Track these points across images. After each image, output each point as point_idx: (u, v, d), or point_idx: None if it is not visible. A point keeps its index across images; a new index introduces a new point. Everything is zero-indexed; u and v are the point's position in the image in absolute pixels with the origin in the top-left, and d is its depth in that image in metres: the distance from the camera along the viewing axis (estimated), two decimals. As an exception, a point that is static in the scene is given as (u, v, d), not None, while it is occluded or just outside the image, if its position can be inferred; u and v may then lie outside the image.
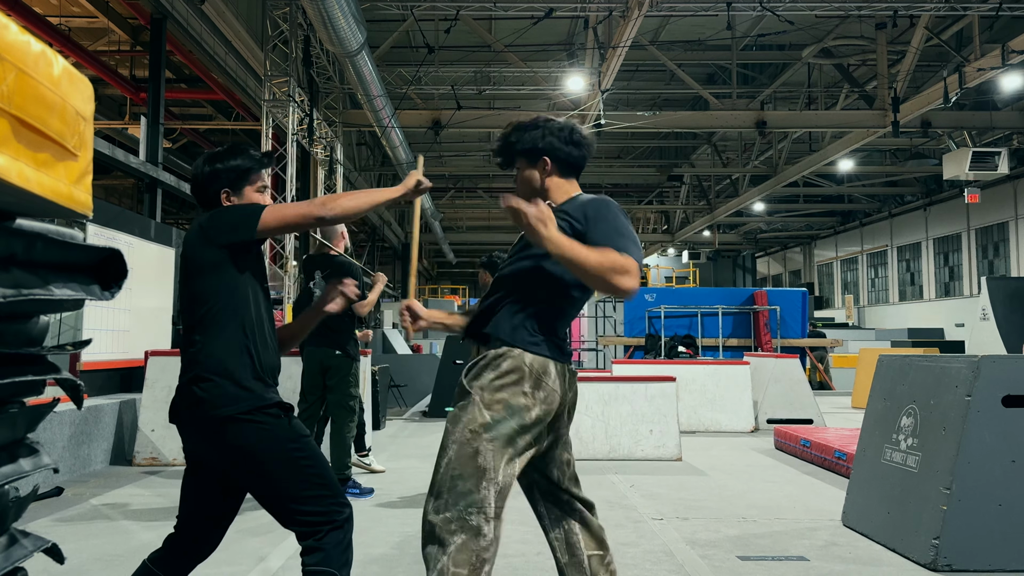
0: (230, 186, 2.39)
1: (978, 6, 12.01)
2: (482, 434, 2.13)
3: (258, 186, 2.43)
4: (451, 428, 2.18)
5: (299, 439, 2.28)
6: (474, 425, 2.14)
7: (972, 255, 24.46)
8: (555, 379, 2.23)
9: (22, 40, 1.56)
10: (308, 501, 2.23)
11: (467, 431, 2.14)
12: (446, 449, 2.15)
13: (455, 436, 2.15)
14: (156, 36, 11.90)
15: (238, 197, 2.40)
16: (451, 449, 2.14)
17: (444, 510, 2.08)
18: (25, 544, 1.78)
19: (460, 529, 2.06)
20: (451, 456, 2.13)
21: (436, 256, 40.29)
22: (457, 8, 12.25)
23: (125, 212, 8.52)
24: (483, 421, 2.14)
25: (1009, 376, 3.83)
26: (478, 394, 2.17)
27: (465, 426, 2.15)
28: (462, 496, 2.08)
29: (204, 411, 2.24)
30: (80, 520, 4.72)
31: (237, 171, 2.39)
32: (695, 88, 15.95)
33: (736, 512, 5.04)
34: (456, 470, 2.11)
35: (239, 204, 2.39)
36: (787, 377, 9.81)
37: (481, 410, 2.15)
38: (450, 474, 2.11)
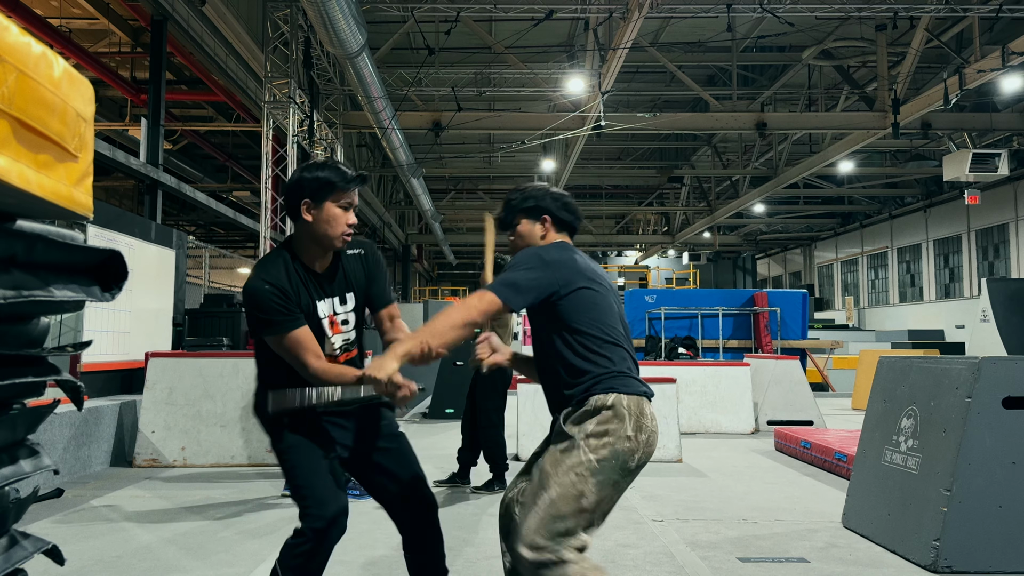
0: (311, 197, 2.42)
1: (978, 8, 12.01)
2: (588, 478, 2.23)
3: (342, 202, 2.44)
4: (550, 470, 2.25)
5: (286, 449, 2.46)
6: (580, 469, 2.23)
7: (972, 257, 24.45)
8: (651, 418, 2.37)
9: (23, 42, 1.56)
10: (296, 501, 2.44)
11: (572, 474, 2.23)
12: (545, 488, 2.23)
13: (558, 479, 2.23)
14: (157, 38, 11.91)
15: (318, 210, 2.41)
16: (552, 490, 2.22)
17: (541, 548, 2.17)
18: (25, 545, 1.78)
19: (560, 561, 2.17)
20: (553, 496, 2.21)
21: (436, 257, 40.32)
22: (457, 10, 12.26)
23: (125, 214, 8.52)
24: (590, 466, 2.24)
25: (1009, 377, 3.83)
26: (583, 439, 2.26)
27: (571, 469, 2.23)
28: (560, 536, 2.19)
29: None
30: (80, 521, 4.72)
31: (320, 183, 2.41)
32: (695, 90, 15.95)
33: (736, 514, 5.03)
34: (558, 510, 2.20)
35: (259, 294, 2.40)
36: (787, 378, 9.80)
37: (586, 454, 2.25)
38: (551, 513, 2.20)
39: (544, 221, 2.59)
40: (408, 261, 31.65)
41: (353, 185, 2.44)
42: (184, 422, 6.89)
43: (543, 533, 2.18)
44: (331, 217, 2.41)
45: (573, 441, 2.26)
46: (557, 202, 2.61)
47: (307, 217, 2.41)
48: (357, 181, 2.46)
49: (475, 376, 5.88)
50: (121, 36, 13.83)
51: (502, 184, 25.79)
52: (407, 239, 31.02)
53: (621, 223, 34.81)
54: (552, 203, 2.60)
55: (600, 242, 33.04)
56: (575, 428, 2.28)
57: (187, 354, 7.33)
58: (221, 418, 6.93)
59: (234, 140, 20.03)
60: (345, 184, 2.42)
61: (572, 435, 2.27)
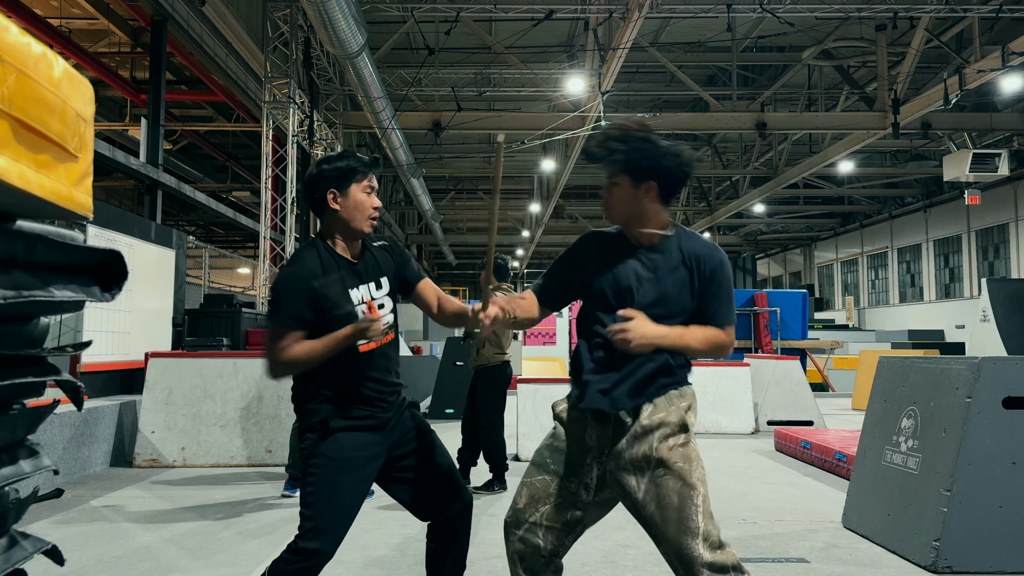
0: (336, 186, 2.45)
1: (978, 8, 12.02)
2: (704, 467, 2.23)
3: (364, 186, 2.48)
4: (687, 467, 2.18)
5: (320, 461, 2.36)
6: (702, 462, 2.23)
7: (972, 257, 24.46)
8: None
9: (23, 42, 1.56)
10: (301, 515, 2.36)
11: (701, 467, 2.21)
12: (694, 488, 2.15)
13: (697, 474, 2.18)
14: (156, 38, 11.91)
15: (344, 197, 2.45)
16: (699, 488, 2.16)
17: (718, 545, 2.13)
18: (25, 546, 1.78)
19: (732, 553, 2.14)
20: (704, 493, 2.17)
21: (436, 257, 40.31)
22: (457, 10, 12.26)
23: (125, 214, 8.52)
24: (700, 457, 2.24)
25: (1009, 378, 3.83)
26: (693, 430, 2.26)
27: (699, 463, 2.21)
28: (718, 527, 2.17)
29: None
30: (80, 522, 4.72)
31: (342, 171, 2.46)
32: (695, 90, 15.95)
33: (736, 514, 5.03)
34: (710, 507, 2.18)
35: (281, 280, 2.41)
36: (787, 379, 9.80)
37: (696, 445, 2.25)
38: (709, 511, 2.16)
39: (649, 190, 2.21)
40: (408, 261, 31.62)
41: (372, 169, 2.52)
42: (184, 422, 6.89)
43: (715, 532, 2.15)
44: (358, 202, 2.46)
45: (690, 433, 2.23)
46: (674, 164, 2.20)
47: (335, 206, 2.45)
48: (375, 164, 2.55)
49: (475, 376, 5.88)
50: (121, 36, 13.83)
51: (502, 184, 25.76)
52: (407, 239, 31.01)
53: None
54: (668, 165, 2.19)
55: (600, 242, 32.97)
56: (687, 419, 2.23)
57: (187, 354, 7.32)
58: (221, 418, 6.93)
59: (234, 140, 20.03)
60: (365, 168, 2.49)
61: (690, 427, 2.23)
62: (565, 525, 2.26)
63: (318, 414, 2.40)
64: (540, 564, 2.26)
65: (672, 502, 2.12)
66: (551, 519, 2.25)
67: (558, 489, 2.26)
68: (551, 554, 2.26)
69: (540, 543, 2.24)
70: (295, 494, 5.47)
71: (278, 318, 2.37)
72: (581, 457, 2.27)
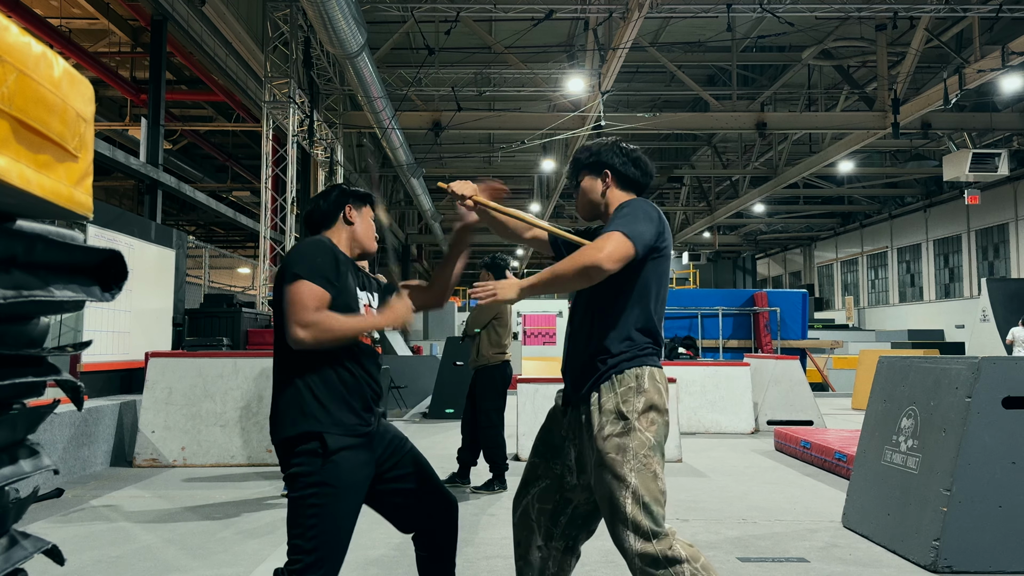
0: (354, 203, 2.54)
1: (978, 8, 12.01)
2: (653, 456, 2.22)
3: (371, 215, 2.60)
4: (618, 458, 2.18)
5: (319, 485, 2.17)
6: (645, 450, 2.20)
7: (972, 256, 24.46)
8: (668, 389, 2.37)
9: (23, 42, 1.56)
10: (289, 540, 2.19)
11: (642, 456, 2.19)
12: (623, 480, 2.16)
13: (631, 465, 2.18)
14: (156, 38, 11.91)
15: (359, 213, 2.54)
16: (631, 477, 2.16)
17: (653, 536, 2.13)
18: (25, 545, 1.78)
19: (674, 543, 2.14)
20: (635, 484, 2.16)
21: (437, 257, 40.29)
22: (457, 9, 12.26)
23: (125, 214, 8.52)
24: (651, 443, 2.22)
25: (1009, 377, 3.83)
26: (635, 419, 2.23)
27: (636, 452, 2.20)
28: (660, 518, 2.17)
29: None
30: (80, 522, 4.72)
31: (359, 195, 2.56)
32: (695, 89, 15.95)
33: (736, 513, 5.03)
34: (646, 496, 2.16)
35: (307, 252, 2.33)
36: (787, 378, 9.80)
37: (644, 433, 2.22)
38: (642, 502, 2.15)
39: (605, 176, 2.47)
40: (408, 261, 31.65)
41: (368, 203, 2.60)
42: (184, 422, 6.89)
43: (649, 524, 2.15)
44: (369, 224, 2.57)
45: (628, 423, 2.21)
46: (621, 156, 2.46)
47: (352, 218, 2.50)
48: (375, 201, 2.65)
49: (475, 376, 5.89)
50: (121, 36, 13.83)
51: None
52: (407, 239, 31.01)
53: (621, 223, 34.76)
54: (615, 157, 2.46)
55: (600, 242, 33.00)
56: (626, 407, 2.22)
57: (187, 354, 7.33)
58: (221, 418, 6.93)
59: (234, 140, 20.02)
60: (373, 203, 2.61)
61: (628, 417, 2.21)
62: (556, 505, 2.39)
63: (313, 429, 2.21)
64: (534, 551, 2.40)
65: (604, 493, 2.20)
66: (541, 500, 2.40)
67: (546, 471, 2.41)
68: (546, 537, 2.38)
69: (534, 525, 2.40)
70: (295, 494, 5.47)
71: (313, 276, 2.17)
72: (562, 441, 2.42)
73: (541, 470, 2.41)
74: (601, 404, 2.25)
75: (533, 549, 2.37)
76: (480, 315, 5.90)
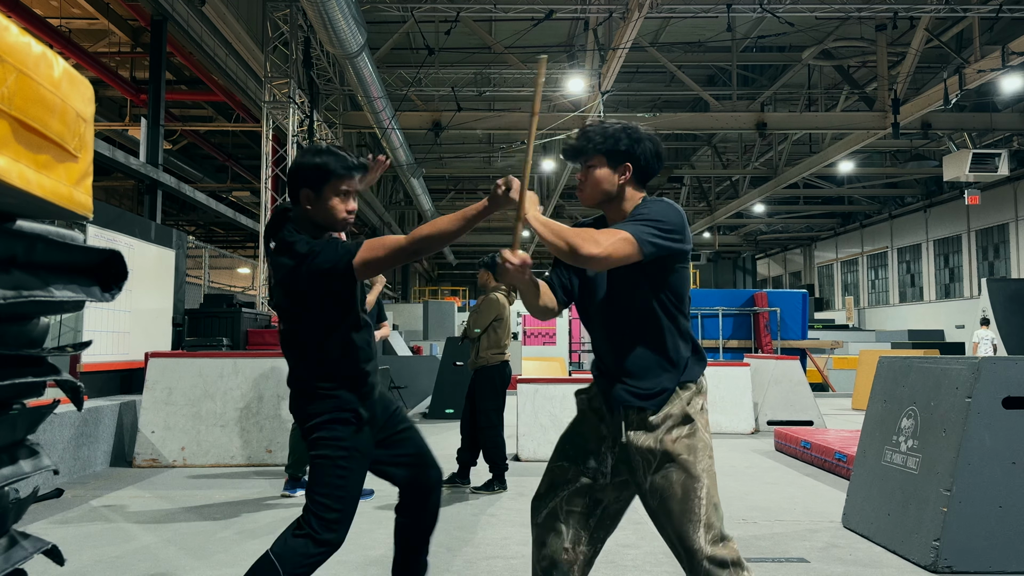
0: (310, 186, 2.40)
1: (978, 8, 12.02)
2: (713, 459, 2.23)
3: (341, 190, 2.41)
4: (690, 459, 2.17)
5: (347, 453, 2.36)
6: (711, 451, 2.22)
7: (972, 257, 24.46)
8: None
9: (23, 42, 1.56)
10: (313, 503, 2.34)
11: (707, 458, 2.20)
12: (698, 479, 2.16)
13: (702, 464, 2.18)
14: (156, 38, 11.91)
15: (317, 199, 2.40)
16: (704, 478, 2.16)
17: (720, 539, 2.14)
18: (25, 546, 1.78)
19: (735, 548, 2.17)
20: (707, 484, 2.16)
21: (436, 257, 40.29)
22: (457, 10, 12.26)
23: (125, 214, 8.52)
24: (710, 445, 2.24)
25: (1009, 378, 3.83)
26: (698, 418, 2.23)
27: (705, 453, 2.19)
28: (722, 518, 2.18)
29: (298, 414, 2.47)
30: (80, 522, 4.72)
31: (319, 172, 2.38)
32: (695, 90, 15.95)
33: (736, 514, 5.03)
34: (715, 497, 2.17)
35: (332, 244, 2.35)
36: (787, 379, 9.80)
37: (706, 435, 2.23)
38: (713, 503, 2.16)
39: (625, 171, 2.27)
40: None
41: (353, 173, 2.43)
42: (184, 422, 6.89)
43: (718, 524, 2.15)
44: (331, 207, 2.41)
45: (694, 424, 2.21)
46: (648, 149, 2.27)
47: (306, 206, 2.42)
48: (358, 169, 2.45)
49: (474, 377, 5.89)
50: (121, 36, 13.83)
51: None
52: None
53: (621, 223, 34.77)
54: (641, 149, 2.26)
55: (600, 242, 33.00)
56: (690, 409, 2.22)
57: (187, 354, 7.32)
58: (221, 418, 6.93)
59: (234, 140, 20.02)
60: (344, 172, 2.41)
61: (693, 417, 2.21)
62: (585, 507, 2.31)
63: (345, 402, 2.37)
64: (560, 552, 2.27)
65: (676, 494, 2.15)
66: (570, 503, 2.31)
67: (576, 474, 2.32)
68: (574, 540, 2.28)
69: (563, 527, 2.28)
70: (295, 494, 5.48)
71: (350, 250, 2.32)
72: (597, 445, 2.32)
73: (571, 473, 2.32)
74: (667, 410, 2.22)
75: (559, 551, 2.28)
76: (481, 317, 5.89)
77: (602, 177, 2.28)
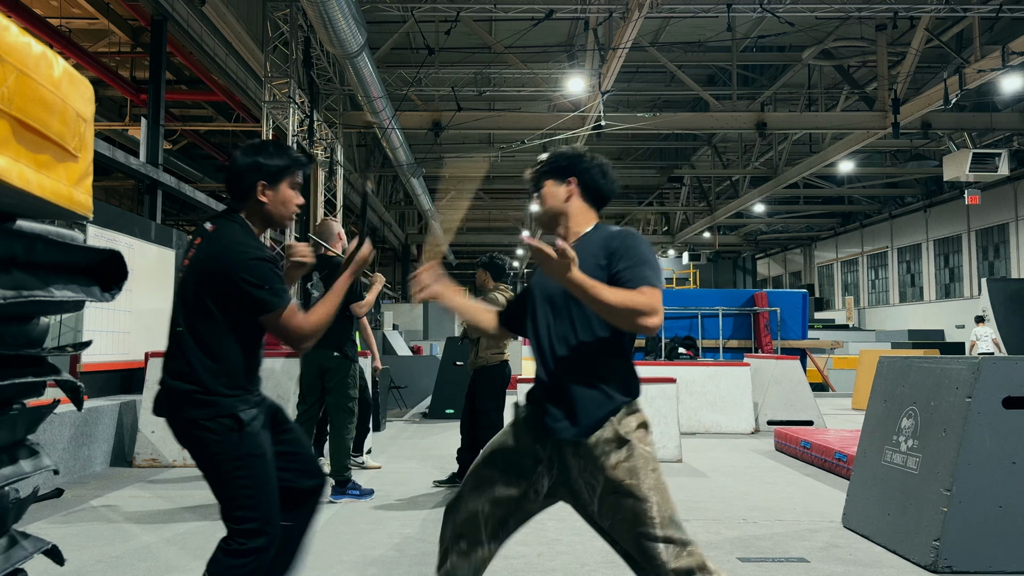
0: (267, 179, 2.44)
1: (978, 8, 12.02)
2: (659, 468, 2.23)
3: (294, 182, 2.50)
4: (634, 482, 2.16)
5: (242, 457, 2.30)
6: (653, 464, 2.21)
7: (972, 256, 24.46)
8: None
9: (23, 42, 1.56)
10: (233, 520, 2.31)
11: (651, 472, 2.19)
12: (646, 500, 2.15)
13: (647, 483, 2.17)
14: (156, 37, 11.90)
15: (273, 191, 2.45)
16: (653, 494, 2.16)
17: (684, 550, 2.15)
18: (25, 545, 1.78)
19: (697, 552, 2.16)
20: (658, 501, 2.16)
21: (436, 257, 40.23)
22: (457, 9, 12.26)
23: (125, 214, 8.51)
24: (653, 455, 2.23)
25: (1009, 378, 3.83)
26: (634, 436, 2.22)
27: (647, 469, 2.19)
28: (682, 527, 2.18)
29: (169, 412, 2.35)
30: (80, 522, 4.72)
31: (278, 167, 2.45)
32: (695, 89, 15.95)
33: (736, 514, 5.03)
34: (668, 511, 2.17)
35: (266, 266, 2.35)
36: (787, 378, 9.80)
37: (645, 448, 2.22)
38: (666, 516, 2.16)
39: (569, 183, 2.39)
40: (408, 261, 31.65)
41: (307, 167, 2.54)
42: (184, 422, 6.89)
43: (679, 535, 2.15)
44: (287, 198, 2.47)
45: (629, 444, 2.20)
46: (590, 165, 2.40)
47: (263, 198, 2.44)
48: (310, 163, 2.57)
49: (473, 377, 5.88)
50: (121, 36, 13.82)
51: (502, 184, 25.79)
52: (407, 239, 31.01)
53: (621, 223, 34.83)
54: (583, 165, 2.39)
55: (600, 242, 32.99)
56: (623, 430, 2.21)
57: (187, 354, 7.31)
58: (221, 418, 6.93)
59: (234, 140, 20.02)
60: (300, 167, 2.50)
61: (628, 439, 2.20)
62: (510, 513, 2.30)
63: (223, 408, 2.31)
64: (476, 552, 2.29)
65: (627, 518, 2.17)
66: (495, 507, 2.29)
67: (506, 486, 2.29)
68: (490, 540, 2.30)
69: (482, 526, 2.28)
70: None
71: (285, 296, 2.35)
72: (533, 465, 2.30)
73: (499, 484, 2.30)
74: (600, 435, 2.21)
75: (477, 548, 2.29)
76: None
77: (549, 194, 2.40)
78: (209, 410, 2.28)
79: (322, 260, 5.51)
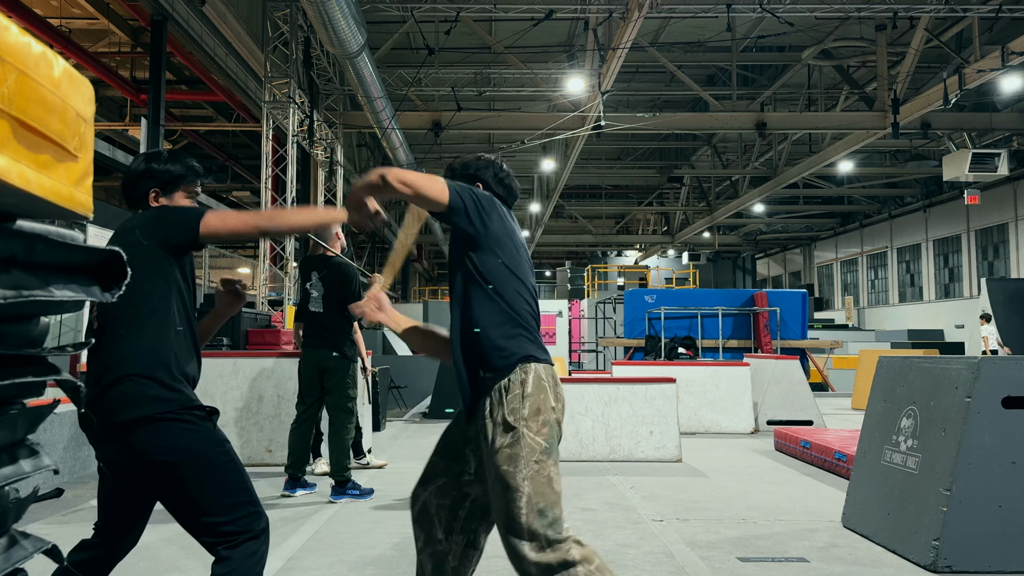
0: (161, 187, 2.45)
1: (978, 8, 12.02)
2: (546, 460, 2.22)
3: (189, 192, 2.50)
4: (510, 470, 2.19)
5: (224, 443, 2.37)
6: (536, 455, 2.21)
7: (972, 256, 24.46)
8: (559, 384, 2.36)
9: (23, 42, 1.56)
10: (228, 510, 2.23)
11: (532, 463, 2.20)
12: (517, 489, 2.17)
13: (523, 473, 2.19)
14: (156, 38, 11.90)
15: (167, 199, 2.46)
16: (524, 487, 2.18)
17: (546, 545, 2.15)
18: (25, 545, 1.78)
19: (571, 548, 2.16)
20: (529, 492, 2.17)
21: (436, 257, 40.29)
22: (457, 9, 12.26)
23: (125, 213, 8.52)
24: (542, 448, 2.23)
25: (1009, 377, 3.83)
26: (524, 426, 2.23)
27: (528, 459, 2.20)
28: (554, 524, 2.17)
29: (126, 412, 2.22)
30: (80, 522, 4.72)
31: (172, 176, 2.46)
32: (695, 89, 15.95)
33: (736, 513, 5.04)
34: (539, 503, 2.17)
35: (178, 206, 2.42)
36: (787, 378, 9.81)
37: (535, 439, 2.23)
38: (536, 510, 2.17)
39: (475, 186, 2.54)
40: (408, 261, 31.66)
41: (202, 179, 2.54)
42: (184, 422, 6.89)
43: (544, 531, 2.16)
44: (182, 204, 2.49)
45: (516, 433, 2.22)
46: (491, 171, 2.65)
47: (155, 205, 2.45)
48: (206, 176, 2.59)
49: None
50: (121, 36, 13.83)
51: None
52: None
53: (621, 223, 34.83)
54: (486, 172, 2.63)
55: (600, 242, 33.06)
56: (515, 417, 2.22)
57: (187, 354, 7.31)
58: (220, 418, 6.92)
59: (234, 140, 20.03)
60: (195, 177, 2.51)
61: (515, 426, 2.22)
62: (454, 500, 2.42)
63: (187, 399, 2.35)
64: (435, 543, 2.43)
65: (500, 505, 2.21)
66: (439, 496, 2.42)
67: (445, 470, 2.44)
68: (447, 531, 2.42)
69: (434, 519, 2.42)
70: (295, 494, 5.48)
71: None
72: (463, 445, 2.44)
73: (440, 468, 2.44)
74: (490, 415, 2.27)
75: (434, 542, 2.42)
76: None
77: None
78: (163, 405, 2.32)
79: (321, 260, 5.52)
